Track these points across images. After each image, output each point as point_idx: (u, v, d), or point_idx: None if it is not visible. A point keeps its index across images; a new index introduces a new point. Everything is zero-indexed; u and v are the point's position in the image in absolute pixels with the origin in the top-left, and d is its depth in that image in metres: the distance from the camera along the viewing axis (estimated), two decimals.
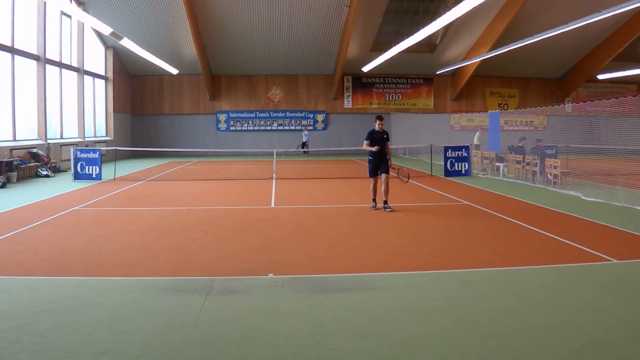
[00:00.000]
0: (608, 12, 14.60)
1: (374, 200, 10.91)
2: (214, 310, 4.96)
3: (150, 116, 32.08)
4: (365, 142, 10.79)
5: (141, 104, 32.00)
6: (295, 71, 32.25)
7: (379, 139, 10.73)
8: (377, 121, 10.77)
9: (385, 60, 25.92)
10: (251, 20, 25.99)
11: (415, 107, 33.22)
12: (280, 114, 32.75)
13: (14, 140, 18.45)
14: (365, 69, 28.87)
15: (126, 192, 14.10)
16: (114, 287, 5.70)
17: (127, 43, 19.90)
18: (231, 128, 32.44)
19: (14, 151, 17.58)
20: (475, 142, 22.64)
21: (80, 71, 24.51)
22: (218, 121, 32.38)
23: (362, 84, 33.02)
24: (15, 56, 18.50)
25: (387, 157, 10.85)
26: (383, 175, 10.79)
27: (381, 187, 10.73)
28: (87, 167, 16.72)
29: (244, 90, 32.62)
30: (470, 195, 13.24)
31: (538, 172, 15.47)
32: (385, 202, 10.72)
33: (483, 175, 18.37)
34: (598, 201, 11.87)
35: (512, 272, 6.29)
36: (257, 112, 32.64)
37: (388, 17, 26.74)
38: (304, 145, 30.45)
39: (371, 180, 10.90)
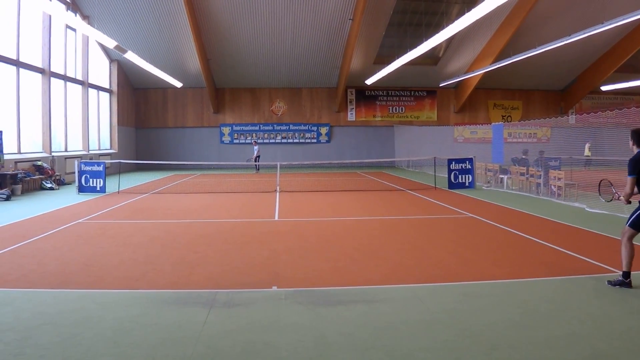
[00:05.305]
0: (611, 24, 14.63)
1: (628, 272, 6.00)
2: (217, 323, 4.95)
3: (154, 129, 32.21)
4: (630, 179, 6.07)
5: (145, 117, 32.17)
6: (298, 84, 32.39)
7: None
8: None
9: (389, 73, 26.00)
10: (255, 34, 26.18)
11: (419, 119, 33.25)
12: (283, 127, 32.84)
13: (19, 153, 18.54)
14: (369, 81, 28.97)
15: (130, 205, 14.14)
16: (117, 300, 5.70)
17: (131, 56, 20.05)
18: (235, 141, 32.53)
19: (18, 164, 17.68)
20: (586, 152, 20.57)
21: (85, 84, 24.69)
22: (222, 134, 32.49)
23: (366, 96, 33.10)
24: (21, 69, 18.65)
25: None
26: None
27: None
28: (91, 180, 16.75)
29: (247, 103, 32.75)
30: (474, 207, 13.22)
31: (542, 184, 15.44)
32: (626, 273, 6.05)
33: (487, 187, 18.35)
34: (603, 212, 11.82)
35: (514, 285, 6.26)
36: (261, 125, 32.76)
37: (391, 30, 26.88)
38: (256, 159, 28.19)
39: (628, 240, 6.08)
